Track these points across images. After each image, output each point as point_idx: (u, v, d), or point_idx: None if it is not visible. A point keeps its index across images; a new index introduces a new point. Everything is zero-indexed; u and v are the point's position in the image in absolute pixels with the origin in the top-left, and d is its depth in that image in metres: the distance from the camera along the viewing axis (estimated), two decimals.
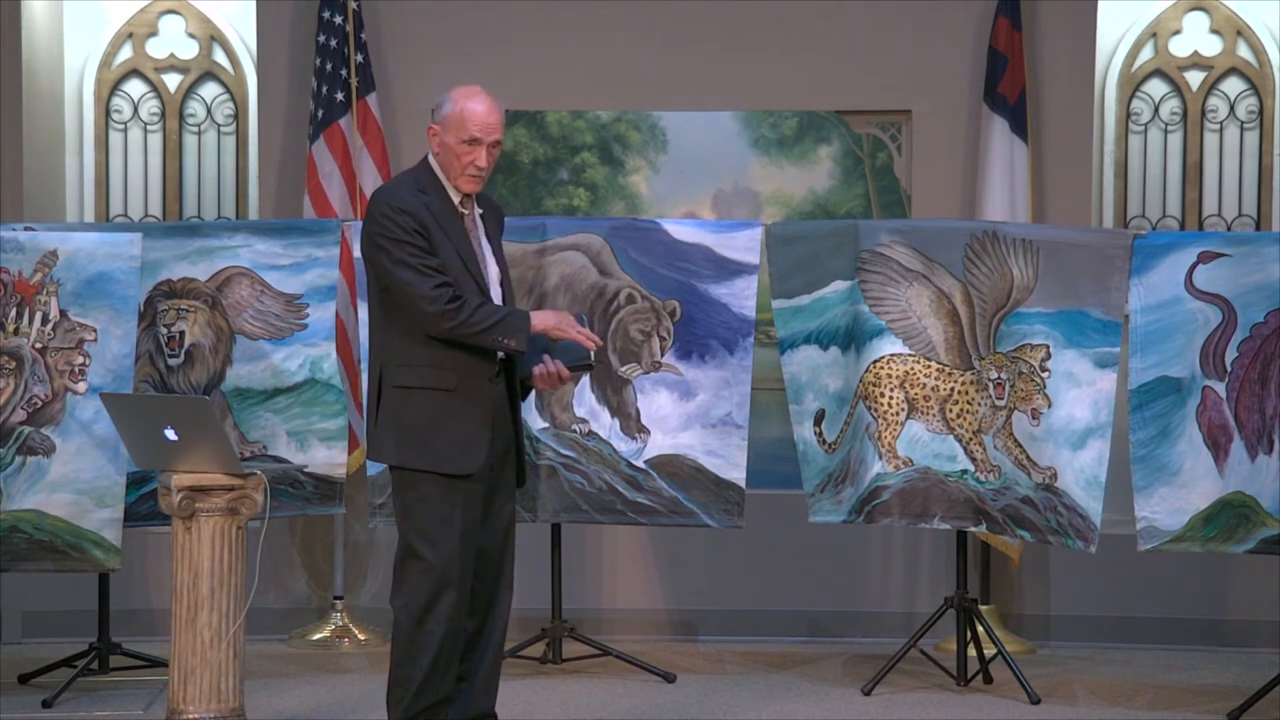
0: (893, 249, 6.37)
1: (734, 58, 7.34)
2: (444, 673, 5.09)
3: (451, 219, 5.08)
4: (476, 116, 5.06)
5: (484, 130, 5.06)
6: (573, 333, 5.07)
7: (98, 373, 6.06)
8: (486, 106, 5.08)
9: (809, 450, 6.50)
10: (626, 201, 7.43)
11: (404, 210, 5.01)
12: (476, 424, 5.04)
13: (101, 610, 6.45)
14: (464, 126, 5.06)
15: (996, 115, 7.12)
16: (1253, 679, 6.36)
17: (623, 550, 7.34)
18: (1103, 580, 7.14)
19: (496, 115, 5.10)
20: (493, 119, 5.08)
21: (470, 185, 5.10)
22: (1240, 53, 7.51)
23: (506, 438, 5.16)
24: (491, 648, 5.22)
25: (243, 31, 7.57)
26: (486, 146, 5.06)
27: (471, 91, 5.11)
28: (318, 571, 7.33)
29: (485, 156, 5.06)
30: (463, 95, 5.10)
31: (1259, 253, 6.00)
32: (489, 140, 5.07)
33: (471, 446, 5.03)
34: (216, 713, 5.39)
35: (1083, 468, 6.04)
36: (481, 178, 5.10)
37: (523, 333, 5.02)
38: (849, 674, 6.67)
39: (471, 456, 5.03)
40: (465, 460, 5.03)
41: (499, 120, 5.11)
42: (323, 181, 7.08)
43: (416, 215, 5.01)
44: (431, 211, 5.04)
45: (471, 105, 5.07)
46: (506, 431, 5.15)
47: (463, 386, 5.02)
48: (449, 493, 5.03)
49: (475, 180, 5.10)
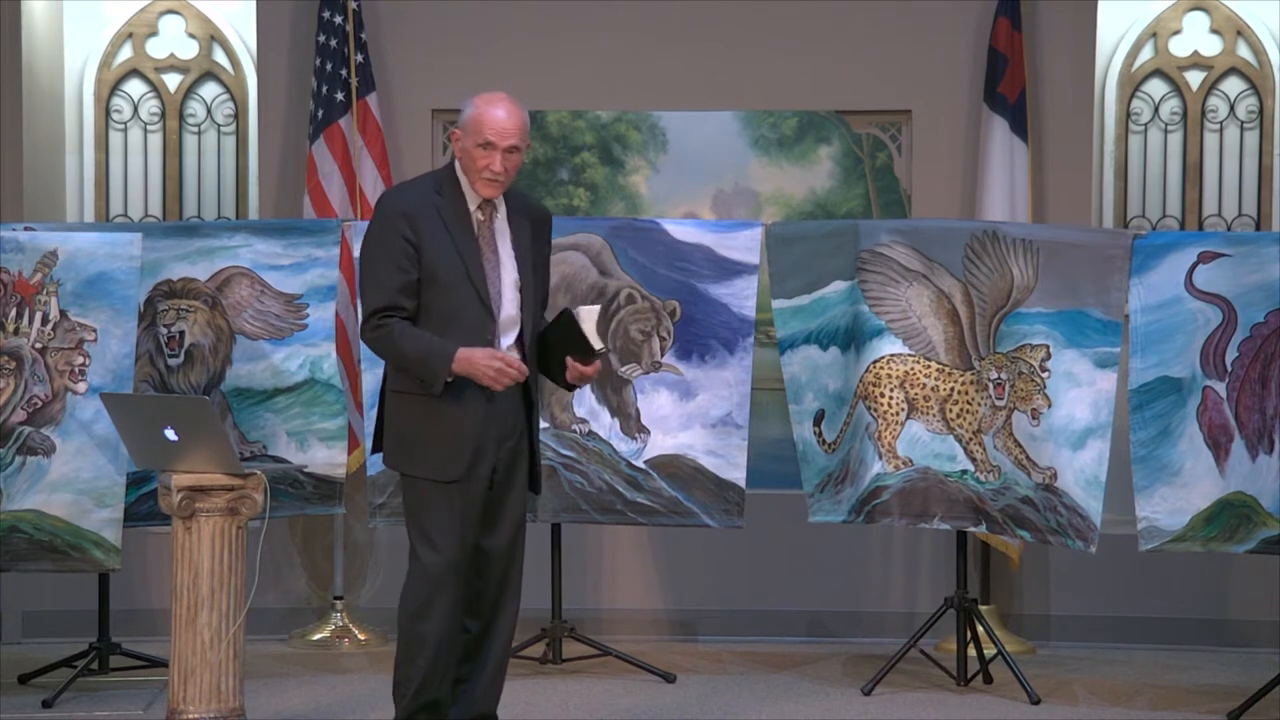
0: (893, 249, 6.37)
1: (734, 58, 7.34)
2: (441, 673, 5.10)
3: (462, 222, 5.08)
4: (491, 122, 5.06)
5: (499, 135, 5.05)
6: (491, 373, 4.95)
7: (98, 373, 6.06)
8: (505, 111, 5.07)
9: (809, 450, 6.50)
10: (626, 201, 7.43)
11: (401, 213, 5.03)
12: (462, 430, 5.02)
13: (101, 610, 6.45)
14: (480, 131, 5.06)
15: (996, 115, 7.12)
16: (1253, 679, 6.36)
17: (623, 550, 7.34)
18: (1103, 580, 7.14)
19: (515, 120, 5.08)
20: (510, 124, 5.06)
21: (488, 189, 5.09)
22: (1240, 53, 7.52)
23: (513, 442, 5.13)
24: (495, 651, 5.21)
25: (243, 31, 7.57)
26: (502, 151, 5.04)
27: (492, 97, 5.11)
28: (318, 571, 7.33)
29: (500, 161, 5.05)
30: (483, 100, 5.11)
31: (1259, 253, 6.00)
32: (504, 145, 5.05)
33: (455, 452, 5.03)
34: (216, 713, 5.39)
35: (1083, 468, 6.04)
36: (499, 182, 5.08)
37: (438, 376, 4.98)
38: (849, 674, 6.67)
39: (455, 463, 5.03)
40: (449, 466, 5.03)
41: (517, 125, 5.07)
42: (323, 181, 7.08)
43: (412, 219, 5.02)
44: (440, 213, 5.05)
45: (488, 111, 5.07)
46: (511, 436, 5.12)
47: (450, 392, 5.00)
48: (442, 497, 5.04)
49: (492, 184, 5.08)
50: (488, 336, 5.03)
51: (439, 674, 5.10)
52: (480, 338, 5.02)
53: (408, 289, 5.03)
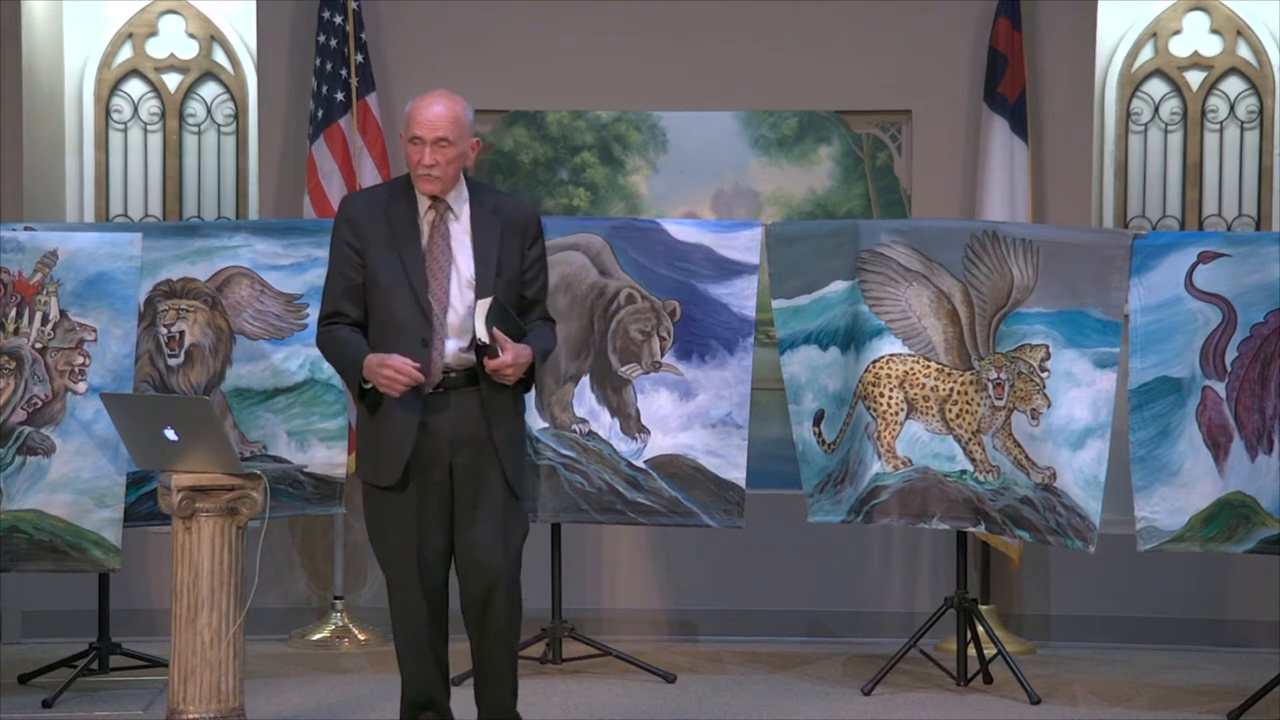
0: (893, 249, 6.37)
1: (734, 58, 7.34)
2: (415, 673, 5.16)
3: (409, 225, 5.05)
4: (417, 115, 5.03)
5: (425, 128, 5.00)
6: (383, 380, 4.91)
7: (98, 373, 6.06)
8: (432, 104, 5.03)
9: (808, 450, 6.50)
10: (626, 201, 7.43)
11: (345, 219, 5.10)
12: (395, 435, 5.00)
13: (101, 610, 6.45)
14: (409, 126, 5.05)
15: (996, 115, 7.12)
16: (1253, 679, 6.35)
17: (623, 550, 7.34)
18: (1103, 580, 7.14)
19: (443, 112, 5.01)
20: (436, 116, 5.00)
21: (425, 185, 5.04)
22: (1240, 53, 7.52)
23: (474, 446, 5.03)
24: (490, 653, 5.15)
25: (243, 31, 7.57)
26: (430, 144, 4.99)
27: (428, 94, 5.09)
28: (318, 571, 7.33)
29: (430, 154, 4.99)
30: (418, 98, 5.09)
31: (1259, 253, 6.00)
32: (431, 138, 4.99)
33: (390, 458, 5.02)
34: (216, 713, 5.39)
35: (1082, 468, 6.04)
36: (433, 177, 5.02)
37: (352, 384, 5.05)
38: (849, 674, 6.67)
39: (390, 468, 5.02)
40: (383, 472, 5.04)
41: (446, 117, 5.01)
42: (323, 181, 7.08)
43: (356, 224, 5.06)
44: (387, 217, 5.04)
45: (417, 106, 5.06)
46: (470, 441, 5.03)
47: (389, 398, 4.97)
48: (386, 502, 5.07)
49: (428, 180, 5.03)
50: (422, 339, 4.99)
51: (420, 674, 5.15)
52: (415, 341, 4.98)
53: (351, 294, 5.05)
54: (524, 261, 5.14)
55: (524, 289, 5.15)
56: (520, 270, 5.13)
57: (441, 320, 5.02)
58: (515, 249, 5.12)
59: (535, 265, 5.18)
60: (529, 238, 5.16)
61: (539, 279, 5.20)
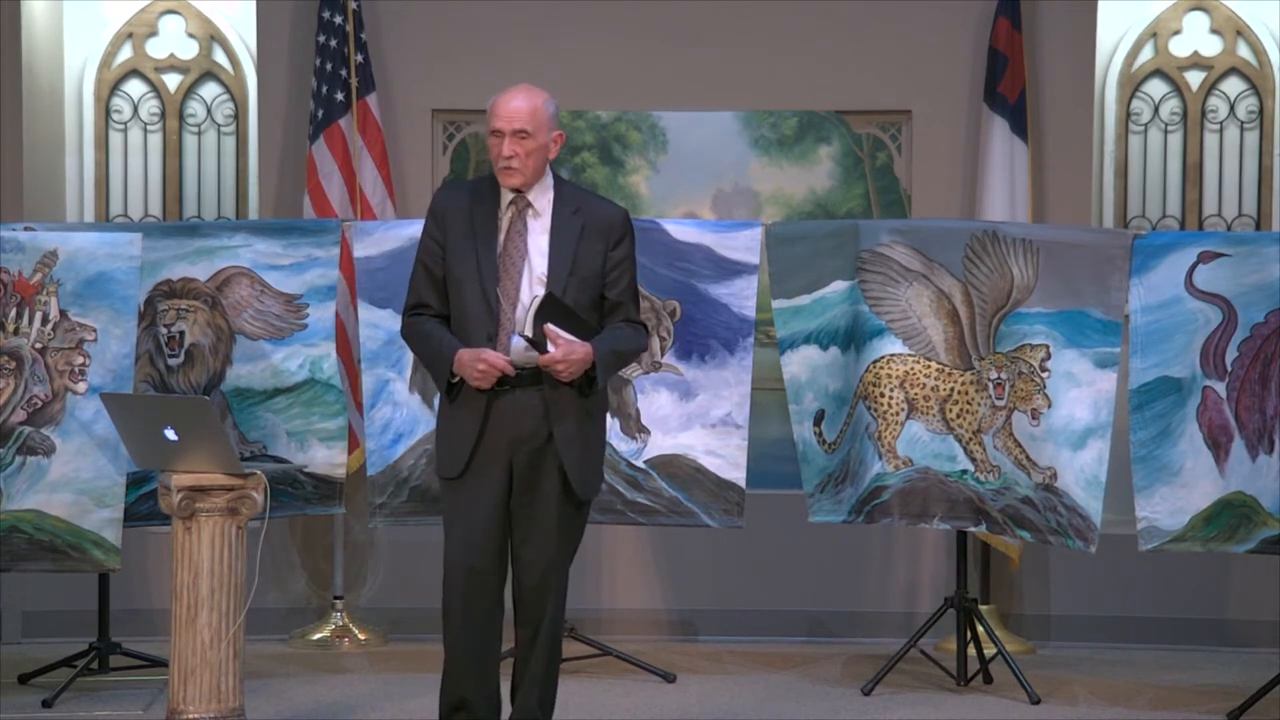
0: (893, 249, 6.37)
1: (734, 58, 7.34)
2: (463, 672, 5.06)
3: (488, 219, 5.05)
4: (497, 108, 5.03)
5: (503, 120, 5.01)
6: (475, 374, 4.93)
7: (98, 373, 6.06)
8: (512, 96, 5.03)
9: (809, 450, 6.49)
10: (626, 201, 7.42)
11: (432, 212, 5.13)
12: (463, 429, 5.02)
13: (101, 610, 6.45)
14: (490, 120, 5.05)
15: (996, 115, 7.12)
16: (1253, 679, 6.35)
17: (623, 550, 7.33)
18: (1103, 580, 7.14)
19: (520, 103, 5.01)
20: (511, 106, 5.01)
21: (506, 178, 5.04)
22: (1240, 53, 7.52)
23: (534, 445, 5.01)
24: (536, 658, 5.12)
25: (243, 31, 7.57)
26: (509, 136, 5.00)
27: (510, 89, 5.08)
28: (318, 571, 7.33)
29: (509, 146, 5.00)
30: (499, 93, 5.08)
31: (1259, 253, 6.00)
32: (510, 129, 5.00)
33: (456, 450, 5.04)
34: (216, 713, 5.39)
35: (1083, 468, 6.04)
36: (512, 168, 5.01)
37: (440, 377, 5.06)
38: (849, 674, 6.67)
39: (454, 460, 5.04)
40: (448, 463, 5.07)
41: (521, 108, 5.00)
42: (323, 181, 7.08)
43: (440, 218, 5.08)
44: (470, 211, 5.05)
45: (497, 99, 5.05)
46: (530, 439, 5.01)
47: (465, 392, 5.01)
48: (452, 494, 5.07)
49: (508, 171, 5.02)
50: (488, 334, 4.99)
51: (461, 672, 5.06)
52: (481, 335, 4.99)
53: (435, 287, 5.08)
54: (606, 263, 5.09)
55: (607, 290, 5.10)
56: (601, 271, 5.08)
57: (509, 316, 5.01)
58: (596, 249, 5.07)
59: (619, 267, 5.12)
60: (613, 239, 5.11)
61: (622, 280, 5.13)
